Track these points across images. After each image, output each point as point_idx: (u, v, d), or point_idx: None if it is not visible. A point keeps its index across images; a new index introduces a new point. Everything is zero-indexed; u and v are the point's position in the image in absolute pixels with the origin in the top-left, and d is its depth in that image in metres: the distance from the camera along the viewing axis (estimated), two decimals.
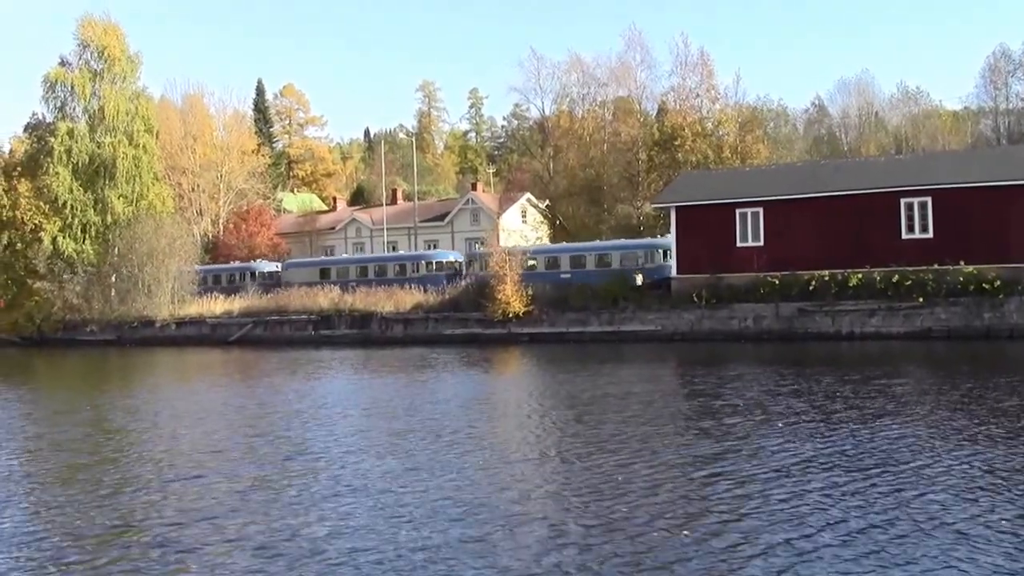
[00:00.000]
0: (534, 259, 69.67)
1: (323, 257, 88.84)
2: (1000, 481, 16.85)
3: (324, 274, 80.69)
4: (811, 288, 55.00)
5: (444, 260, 79.22)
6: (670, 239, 64.54)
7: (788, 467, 18.66)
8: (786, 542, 13.49)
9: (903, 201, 55.41)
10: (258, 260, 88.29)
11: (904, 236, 55.16)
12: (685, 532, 14.18)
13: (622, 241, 71.88)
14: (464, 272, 73.83)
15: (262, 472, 19.90)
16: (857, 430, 22.52)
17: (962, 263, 51.99)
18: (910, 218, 55.12)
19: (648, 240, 71.10)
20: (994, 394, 28.14)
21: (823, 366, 39.89)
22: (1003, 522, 14.17)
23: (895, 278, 52.98)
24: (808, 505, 15.63)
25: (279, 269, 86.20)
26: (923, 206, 54.93)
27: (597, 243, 72.25)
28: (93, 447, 24.49)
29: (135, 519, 16.35)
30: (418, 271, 76.88)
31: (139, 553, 14.19)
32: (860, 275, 54.10)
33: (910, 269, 53.04)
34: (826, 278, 54.83)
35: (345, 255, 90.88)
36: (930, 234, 54.55)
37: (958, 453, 19.35)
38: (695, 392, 33.16)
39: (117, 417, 30.55)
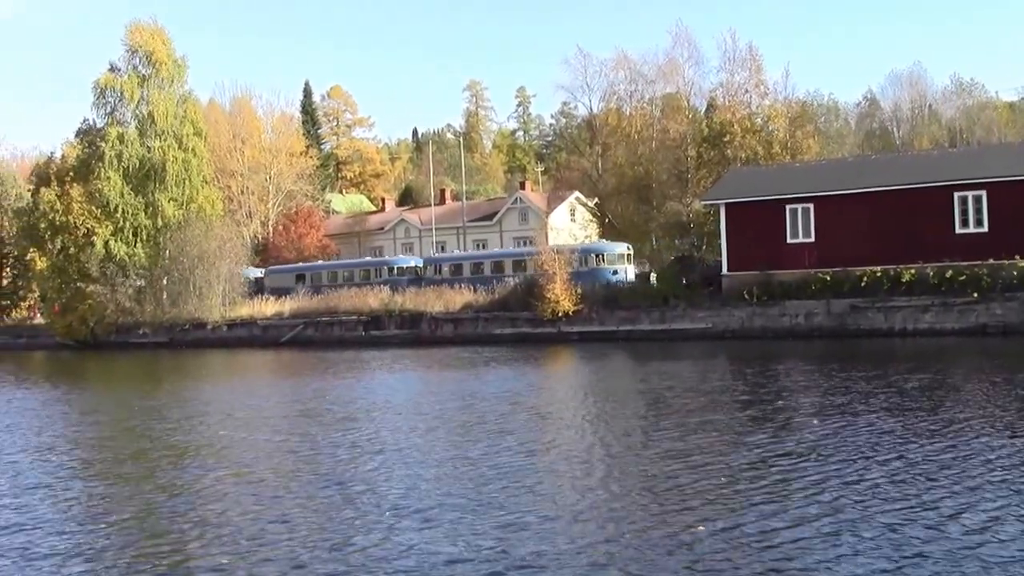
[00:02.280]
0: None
1: (299, 264, 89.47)
2: None
3: (299, 279, 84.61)
4: (863, 284, 54.61)
5: (405, 265, 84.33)
6: (603, 244, 73.39)
7: (852, 466, 18.41)
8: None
9: (957, 195, 54.93)
10: (246, 267, 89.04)
11: (958, 231, 54.71)
12: (701, 527, 14.28)
13: (557, 246, 74.64)
14: (422, 276, 79.99)
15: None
16: (921, 428, 22.29)
17: (1017, 258, 51.40)
18: (964, 212, 54.66)
19: (584, 245, 76.26)
20: None
21: (876, 363, 39.40)
22: None
23: (949, 273, 52.42)
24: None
25: (263, 275, 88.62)
26: (977, 200, 54.45)
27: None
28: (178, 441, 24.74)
29: (217, 519, 16.37)
30: (380, 276, 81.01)
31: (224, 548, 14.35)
32: (913, 271, 53.62)
33: (964, 264, 52.53)
34: (878, 274, 54.43)
35: (320, 261, 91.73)
36: (985, 228, 54.06)
37: None
38: (745, 390, 32.94)
39: (185, 414, 30.66)
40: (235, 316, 77.76)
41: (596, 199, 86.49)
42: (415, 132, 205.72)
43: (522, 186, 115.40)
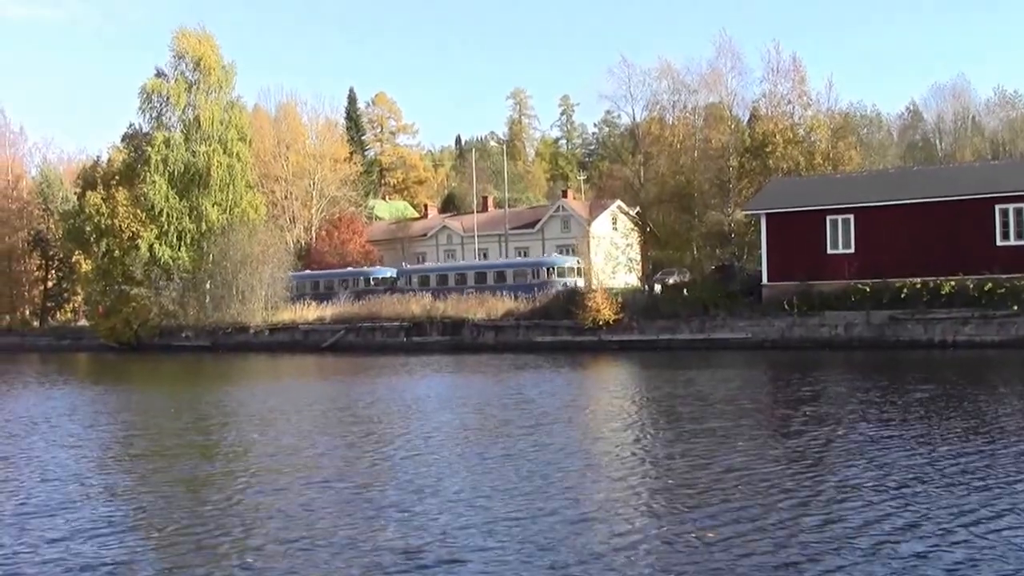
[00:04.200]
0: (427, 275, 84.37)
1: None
2: None
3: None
4: (903, 296, 54.52)
5: (381, 276, 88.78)
6: (556, 257, 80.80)
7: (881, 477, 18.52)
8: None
9: (998, 207, 54.78)
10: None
11: (999, 243, 54.55)
12: (710, 534, 14.37)
13: (513, 260, 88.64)
14: (396, 286, 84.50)
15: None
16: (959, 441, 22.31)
17: None
18: (1005, 224, 54.49)
19: (536, 259, 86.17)
20: None
21: (917, 374, 39.62)
22: None
23: (989, 286, 52.32)
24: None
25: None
26: (1019, 212, 54.27)
27: (493, 261, 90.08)
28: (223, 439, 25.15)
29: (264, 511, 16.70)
30: (357, 285, 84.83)
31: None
32: (953, 283, 53.53)
33: (1004, 277, 52.41)
34: (918, 286, 54.35)
35: (308, 271, 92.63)
36: None
37: None
38: (784, 399, 33.27)
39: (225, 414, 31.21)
40: (277, 320, 78.19)
41: (638, 208, 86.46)
42: (458, 139, 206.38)
43: (564, 194, 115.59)
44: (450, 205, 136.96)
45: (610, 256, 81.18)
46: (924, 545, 13.51)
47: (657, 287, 70.62)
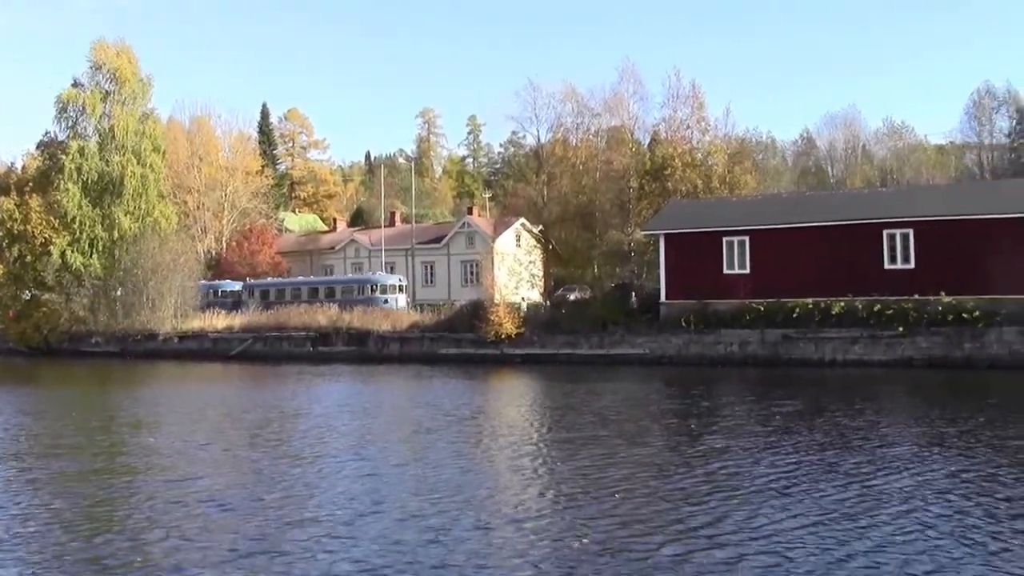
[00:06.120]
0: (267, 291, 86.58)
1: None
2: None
3: None
4: (795, 315, 54.48)
5: (229, 290, 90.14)
6: (379, 275, 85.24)
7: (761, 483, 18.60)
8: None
9: (886, 232, 54.92)
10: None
11: (887, 266, 54.65)
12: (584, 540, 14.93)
13: (342, 276, 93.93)
14: (242, 300, 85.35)
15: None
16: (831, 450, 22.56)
17: (943, 294, 51.42)
18: (892, 249, 54.64)
19: (362, 276, 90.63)
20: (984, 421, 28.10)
21: (793, 389, 40.58)
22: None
23: (877, 307, 52.46)
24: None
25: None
26: (905, 237, 54.45)
27: (324, 278, 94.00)
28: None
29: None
30: (208, 297, 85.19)
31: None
32: (843, 303, 53.60)
33: (892, 299, 52.58)
34: (810, 306, 54.33)
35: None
36: (912, 265, 54.07)
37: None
38: (670, 411, 34.18)
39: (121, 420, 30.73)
40: (187, 328, 76.89)
41: (541, 226, 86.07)
42: (368, 155, 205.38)
43: (470, 211, 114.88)
44: (359, 219, 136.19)
45: (513, 272, 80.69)
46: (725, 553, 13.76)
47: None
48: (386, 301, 78.42)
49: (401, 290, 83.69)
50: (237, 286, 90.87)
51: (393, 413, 34.73)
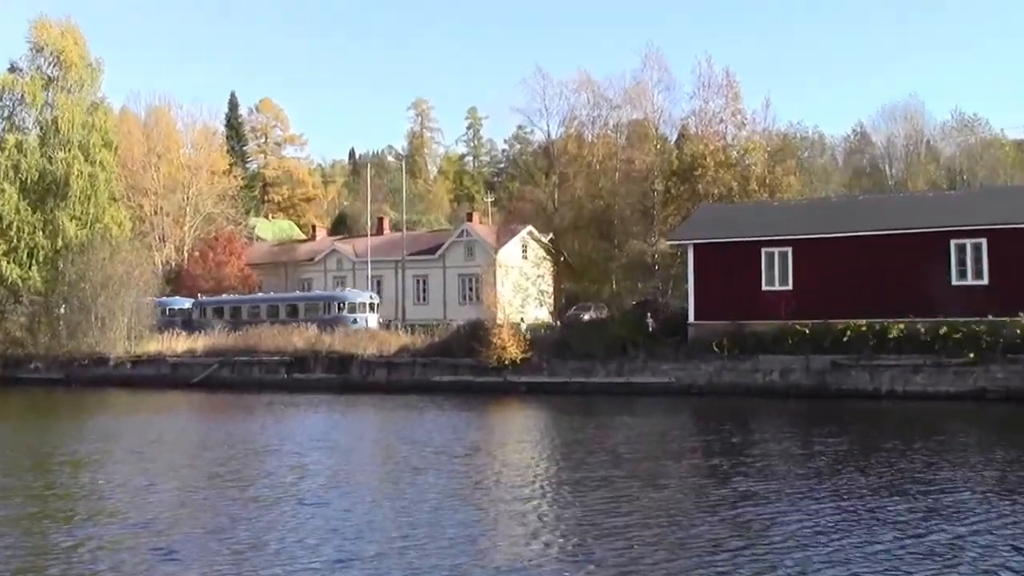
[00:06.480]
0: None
1: None
2: None
3: None
4: (846, 339, 53.79)
5: (179, 307, 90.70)
6: (348, 292, 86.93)
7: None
8: None
9: (954, 243, 54.31)
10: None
11: (955, 282, 54.05)
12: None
13: (306, 293, 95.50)
14: (191, 318, 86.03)
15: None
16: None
17: (1021, 315, 50.65)
18: (962, 262, 53.99)
19: (327, 293, 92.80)
20: None
21: (837, 426, 39.98)
22: None
23: (943, 330, 51.60)
24: None
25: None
26: (977, 248, 53.84)
27: (286, 294, 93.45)
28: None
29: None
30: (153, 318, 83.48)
31: None
32: (902, 326, 52.90)
33: (961, 320, 51.92)
34: (863, 328, 53.64)
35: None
36: (985, 280, 53.40)
37: None
38: (700, 451, 33.81)
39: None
40: (141, 352, 76.51)
41: (551, 234, 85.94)
42: (352, 153, 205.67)
43: (469, 217, 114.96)
44: (341, 226, 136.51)
45: (519, 287, 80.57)
46: None
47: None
48: (355, 321, 79.14)
49: (373, 309, 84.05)
50: (187, 303, 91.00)
51: (374, 449, 34.86)
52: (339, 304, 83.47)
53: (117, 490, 25.00)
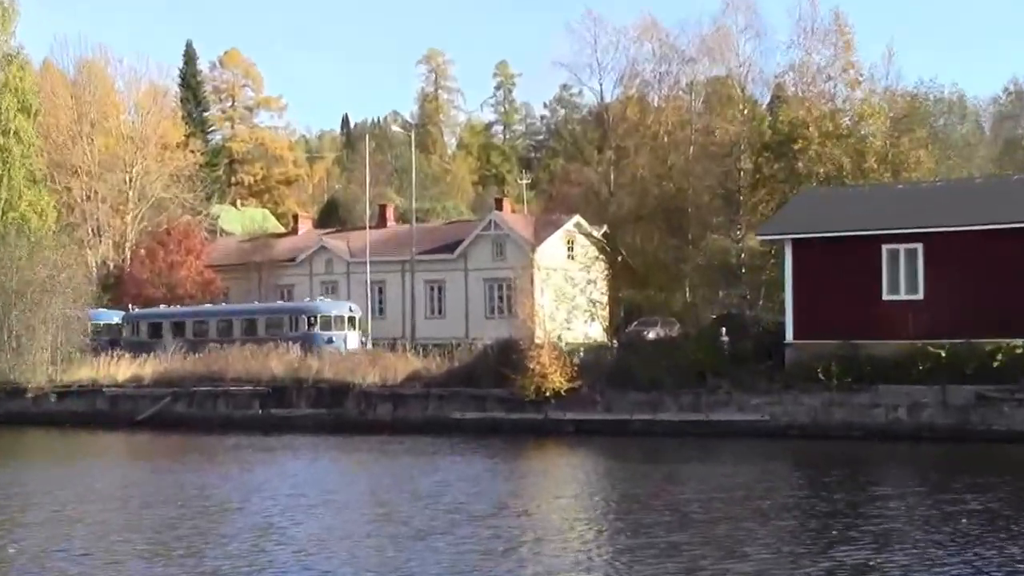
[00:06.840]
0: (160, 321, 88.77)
1: None
2: None
3: None
4: (996, 364, 53.66)
5: (103, 322, 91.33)
6: (320, 303, 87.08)
7: None
8: None
9: None
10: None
11: None
12: None
13: (267, 305, 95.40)
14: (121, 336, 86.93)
15: None
16: None
17: None
18: None
19: (293, 304, 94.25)
20: None
21: (1005, 478, 39.76)
22: None
23: None
24: None
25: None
26: None
27: (242, 306, 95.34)
28: None
29: None
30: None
31: None
32: None
33: None
34: (1019, 351, 53.55)
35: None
36: None
37: None
38: (797, 505, 34.09)
39: None
40: (71, 380, 76.45)
41: (605, 227, 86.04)
42: (346, 121, 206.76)
43: (498, 205, 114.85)
44: (332, 216, 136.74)
45: (564, 296, 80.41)
46: None
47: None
48: (330, 340, 79.14)
49: (353, 324, 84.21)
50: (115, 317, 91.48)
51: (368, 506, 34.63)
52: (309, 318, 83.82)
53: (29, 564, 25.04)
